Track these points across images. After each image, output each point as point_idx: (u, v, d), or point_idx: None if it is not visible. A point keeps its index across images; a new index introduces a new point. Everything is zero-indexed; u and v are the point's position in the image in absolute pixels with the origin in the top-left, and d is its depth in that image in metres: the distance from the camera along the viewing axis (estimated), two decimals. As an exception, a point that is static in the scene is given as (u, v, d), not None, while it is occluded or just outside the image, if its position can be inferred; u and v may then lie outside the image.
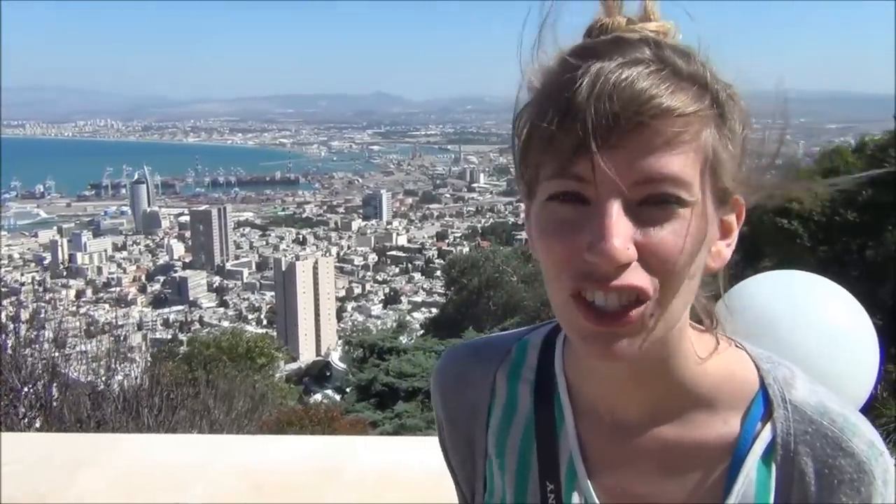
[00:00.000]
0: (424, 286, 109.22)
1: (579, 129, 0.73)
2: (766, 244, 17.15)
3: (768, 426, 0.86)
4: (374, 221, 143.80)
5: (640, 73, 0.75)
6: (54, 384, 7.45)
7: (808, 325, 1.80)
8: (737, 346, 0.92)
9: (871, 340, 1.87)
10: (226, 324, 76.88)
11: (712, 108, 0.78)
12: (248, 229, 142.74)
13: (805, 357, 1.68)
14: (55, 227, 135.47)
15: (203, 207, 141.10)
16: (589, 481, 0.91)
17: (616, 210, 0.74)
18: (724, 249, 0.86)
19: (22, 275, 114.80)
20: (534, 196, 0.81)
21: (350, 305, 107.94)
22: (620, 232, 0.73)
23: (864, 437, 0.85)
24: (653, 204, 0.75)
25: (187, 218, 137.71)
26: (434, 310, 58.34)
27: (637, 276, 0.75)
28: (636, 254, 0.74)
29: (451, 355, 1.08)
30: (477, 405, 1.01)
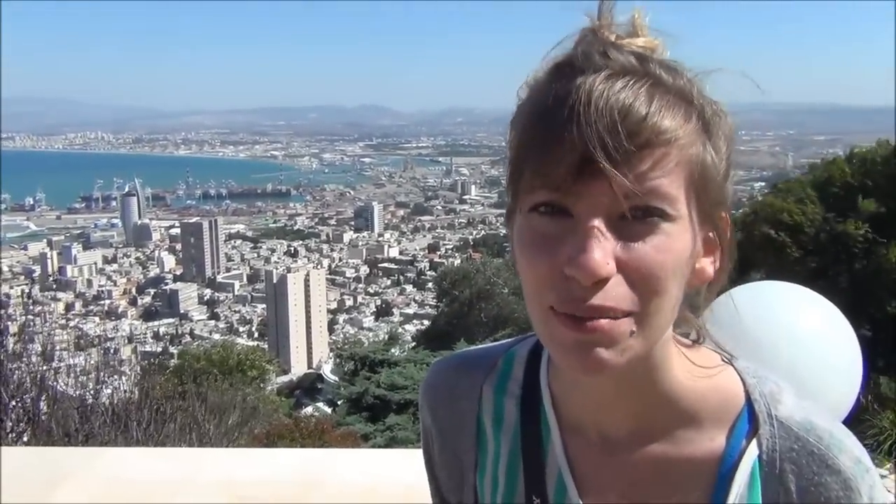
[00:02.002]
0: (416, 298, 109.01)
1: (567, 145, 0.73)
2: (756, 255, 17.20)
3: (754, 443, 0.86)
4: (365, 233, 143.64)
5: (630, 89, 0.75)
6: (42, 398, 7.40)
7: (785, 335, 1.78)
8: (723, 360, 0.91)
9: (851, 348, 1.87)
10: (217, 336, 76.63)
11: (699, 125, 0.79)
12: (239, 241, 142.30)
13: (783, 367, 1.68)
14: (45, 240, 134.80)
15: (194, 220, 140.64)
16: (579, 499, 0.91)
17: (598, 223, 0.73)
18: (708, 266, 0.85)
19: (11, 287, 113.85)
20: (515, 213, 0.81)
21: (342, 318, 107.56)
22: (601, 245, 0.73)
23: (851, 453, 0.85)
24: (636, 218, 0.74)
25: (178, 230, 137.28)
26: (426, 322, 58.17)
27: (614, 296, 0.74)
28: (615, 269, 0.74)
29: (440, 368, 1.07)
30: (466, 418, 1.01)
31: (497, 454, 0.98)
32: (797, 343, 1.80)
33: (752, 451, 0.86)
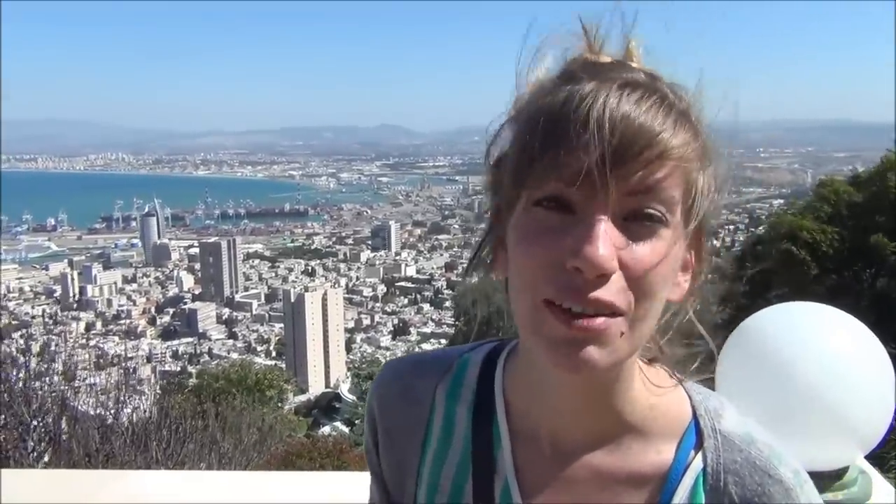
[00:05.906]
0: (433, 317, 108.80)
1: (585, 147, 0.74)
2: (776, 273, 17.03)
3: (699, 456, 0.88)
4: (382, 252, 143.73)
5: (645, 102, 0.77)
6: (63, 417, 7.43)
7: (815, 358, 1.76)
8: (671, 377, 0.94)
9: (884, 370, 1.82)
10: (235, 356, 76.61)
11: (699, 148, 0.81)
12: (257, 261, 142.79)
13: (815, 390, 1.63)
14: (66, 260, 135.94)
15: (213, 239, 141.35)
16: None
17: (604, 220, 0.75)
18: (683, 283, 0.86)
19: (32, 307, 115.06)
20: (514, 207, 0.82)
21: (359, 337, 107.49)
22: (607, 241, 0.74)
23: (790, 465, 0.88)
24: (637, 220, 0.76)
25: (197, 250, 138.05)
26: (443, 340, 58.19)
27: (614, 293, 0.75)
28: (618, 266, 0.75)
29: (395, 367, 1.06)
30: (416, 420, 1.00)
31: (442, 459, 0.97)
32: (828, 366, 1.76)
33: (696, 464, 0.88)
